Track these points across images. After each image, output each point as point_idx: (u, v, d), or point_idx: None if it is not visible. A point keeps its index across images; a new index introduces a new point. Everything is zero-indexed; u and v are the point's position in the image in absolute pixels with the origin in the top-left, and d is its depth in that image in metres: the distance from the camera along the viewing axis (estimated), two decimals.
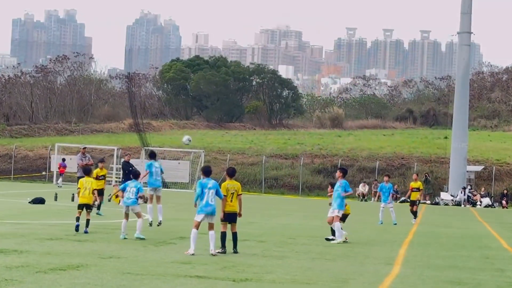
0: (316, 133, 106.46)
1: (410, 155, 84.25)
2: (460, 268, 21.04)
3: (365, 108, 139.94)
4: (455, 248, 26.89)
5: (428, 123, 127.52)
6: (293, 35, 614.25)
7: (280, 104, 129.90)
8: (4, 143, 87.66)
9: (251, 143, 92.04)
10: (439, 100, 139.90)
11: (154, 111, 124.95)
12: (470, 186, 73.91)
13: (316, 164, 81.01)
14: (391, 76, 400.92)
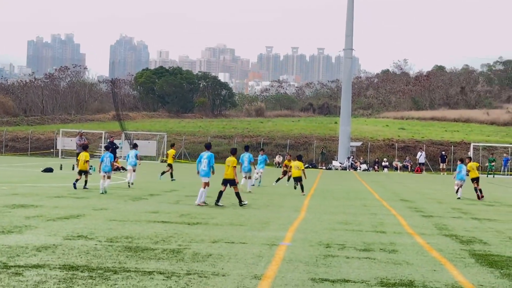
0: (245, 120, 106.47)
1: (311, 135, 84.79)
2: (346, 213, 21.21)
3: (279, 103, 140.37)
4: (342, 199, 27.12)
5: (324, 113, 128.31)
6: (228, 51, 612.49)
7: (220, 100, 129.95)
8: (23, 129, 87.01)
9: (199, 128, 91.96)
10: (331, 96, 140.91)
11: (130, 106, 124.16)
12: (353, 156, 74.60)
13: (246, 142, 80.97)
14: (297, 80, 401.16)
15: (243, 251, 12.63)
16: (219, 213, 19.75)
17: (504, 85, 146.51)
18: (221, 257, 11.85)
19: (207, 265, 11.04)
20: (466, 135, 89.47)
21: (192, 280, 9.80)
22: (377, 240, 14.87)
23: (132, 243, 13.18)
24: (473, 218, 21.26)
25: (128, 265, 10.76)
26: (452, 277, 10.71)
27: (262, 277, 10.20)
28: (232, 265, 11.11)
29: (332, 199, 27.38)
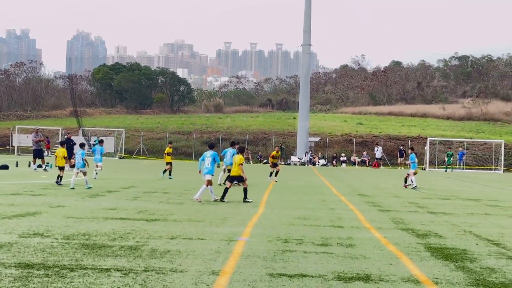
0: (204, 116, 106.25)
1: (269, 131, 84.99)
2: (305, 208, 21.32)
3: (238, 98, 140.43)
4: (301, 194, 27.24)
5: (282, 108, 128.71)
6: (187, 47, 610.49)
7: (178, 96, 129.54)
8: None
9: (158, 124, 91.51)
10: (289, 92, 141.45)
11: (88, 102, 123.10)
12: (311, 151, 74.98)
13: (204, 138, 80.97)
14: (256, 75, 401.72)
15: (201, 247, 12.63)
16: (178, 209, 19.70)
17: (460, 80, 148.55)
18: (179, 253, 11.84)
19: (165, 261, 11.01)
20: (423, 129, 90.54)
21: (150, 277, 9.77)
22: (334, 235, 14.98)
23: (89, 240, 13.09)
24: (429, 212, 21.53)
25: (85, 263, 10.68)
26: (408, 270, 10.85)
27: (220, 272, 10.22)
28: (190, 261, 11.11)
29: (290, 194, 27.48)
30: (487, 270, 11.04)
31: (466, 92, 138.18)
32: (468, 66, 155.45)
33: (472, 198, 28.31)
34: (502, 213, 21.87)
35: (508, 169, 72.43)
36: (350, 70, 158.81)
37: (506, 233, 16.31)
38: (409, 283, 9.81)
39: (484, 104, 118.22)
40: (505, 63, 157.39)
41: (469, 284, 9.88)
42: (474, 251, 13.22)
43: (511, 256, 12.70)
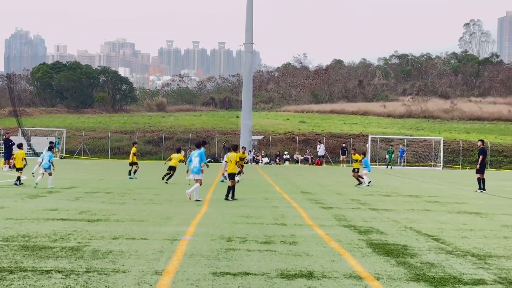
0: (146, 115, 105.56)
1: (213, 129, 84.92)
2: (249, 207, 21.35)
3: (181, 97, 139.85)
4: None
5: (225, 107, 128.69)
6: (128, 46, 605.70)
7: (120, 95, 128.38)
8: None
9: (100, 123, 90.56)
10: (232, 90, 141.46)
11: (27, 101, 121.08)
12: (254, 150, 75.17)
13: (147, 137, 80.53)
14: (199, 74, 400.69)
15: (144, 247, 12.54)
16: (120, 209, 19.52)
17: (400, 78, 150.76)
18: (121, 253, 11.73)
19: (107, 262, 10.90)
20: (364, 127, 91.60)
21: (92, 278, 9.66)
22: (278, 233, 15.04)
23: (29, 242, 12.86)
24: (371, 208, 21.80)
25: (25, 265, 10.49)
26: (350, 266, 10.95)
27: (163, 272, 10.16)
28: (133, 261, 11.01)
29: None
30: (427, 265, 11.22)
31: (406, 90, 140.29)
32: (408, 65, 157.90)
33: (413, 195, 28.76)
34: (441, 209, 22.28)
35: (447, 166, 73.82)
36: (292, 69, 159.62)
37: (445, 229, 16.62)
38: (351, 279, 9.91)
39: (423, 101, 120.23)
40: (443, 62, 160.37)
41: (410, 279, 10.03)
42: (414, 246, 13.43)
43: (450, 251, 12.94)
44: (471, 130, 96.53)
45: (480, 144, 34.12)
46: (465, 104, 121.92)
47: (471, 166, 74.58)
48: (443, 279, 10.03)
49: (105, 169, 48.73)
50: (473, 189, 33.92)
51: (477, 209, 22.66)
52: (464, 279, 10.08)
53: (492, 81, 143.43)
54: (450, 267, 11.07)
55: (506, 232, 16.17)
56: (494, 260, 11.92)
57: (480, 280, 10.03)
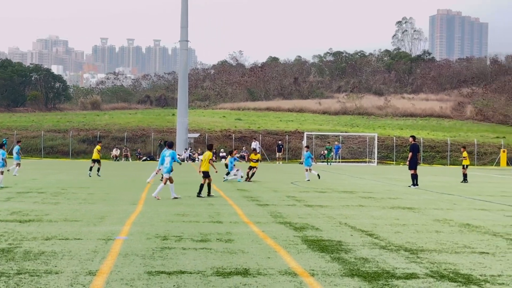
0: (81, 114, 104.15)
1: (149, 128, 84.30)
2: (184, 205, 21.26)
3: (116, 95, 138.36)
4: (180, 191, 27.12)
5: (161, 105, 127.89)
6: (62, 43, 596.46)
7: (53, 93, 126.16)
8: None
9: (32, 122, 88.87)
10: (168, 88, 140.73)
11: None
12: (191, 148, 74.94)
13: (81, 136, 79.45)
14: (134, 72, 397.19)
15: (78, 247, 12.36)
16: (54, 209, 19.20)
17: (335, 75, 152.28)
18: (54, 254, 11.53)
19: (39, 263, 10.70)
20: (300, 124, 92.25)
21: (23, 280, 9.47)
22: (213, 230, 15.02)
23: None
24: (306, 205, 21.96)
25: None
26: (285, 263, 11.01)
27: (97, 272, 10.03)
28: (66, 262, 10.84)
29: (169, 191, 27.32)
30: (361, 260, 11.36)
31: (341, 87, 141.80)
32: (342, 62, 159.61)
33: (347, 191, 29.08)
34: (375, 205, 22.59)
35: (381, 162, 74.94)
36: (228, 66, 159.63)
37: (379, 224, 16.85)
38: (286, 276, 9.96)
39: (358, 98, 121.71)
40: (377, 59, 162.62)
41: (344, 274, 10.14)
42: (349, 242, 13.58)
43: (383, 246, 13.13)
44: (404, 126, 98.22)
45: (412, 140, 34.73)
46: (399, 100, 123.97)
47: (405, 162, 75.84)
48: (377, 274, 10.16)
49: (39, 168, 47.83)
50: (406, 184, 34.52)
51: (410, 204, 23.06)
52: (397, 274, 10.24)
53: (424, 78, 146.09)
54: (384, 262, 11.23)
55: (438, 227, 16.50)
56: (426, 254, 12.14)
57: (412, 274, 10.20)
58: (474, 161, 76.17)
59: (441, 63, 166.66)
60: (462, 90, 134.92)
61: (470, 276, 10.13)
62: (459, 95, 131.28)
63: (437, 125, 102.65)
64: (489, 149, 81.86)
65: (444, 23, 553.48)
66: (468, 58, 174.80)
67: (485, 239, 14.41)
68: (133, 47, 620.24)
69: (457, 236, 14.74)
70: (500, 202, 24.81)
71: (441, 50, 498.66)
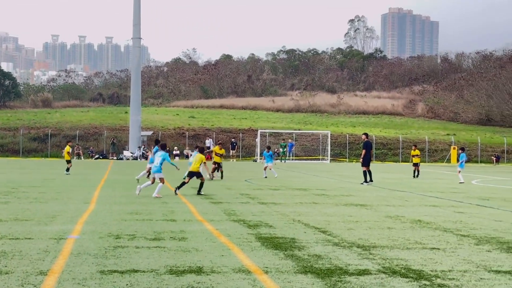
0: (31, 112, 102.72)
1: (101, 125, 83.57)
2: (138, 203, 21.11)
3: (67, 93, 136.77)
4: (133, 190, 26.89)
5: (114, 103, 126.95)
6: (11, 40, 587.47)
7: (3, 91, 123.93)
8: None
9: None
10: (121, 86, 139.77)
11: None
12: (144, 146, 74.49)
13: (32, 134, 78.39)
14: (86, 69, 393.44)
15: (29, 247, 12.18)
16: (3, 208, 18.89)
17: (288, 73, 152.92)
18: (4, 254, 11.34)
19: None
20: (254, 122, 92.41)
21: None
22: (167, 229, 14.95)
23: None
24: (260, 202, 22.00)
25: None
26: (239, 261, 11.01)
27: (48, 272, 9.90)
28: (16, 262, 10.67)
29: (123, 189, 27.15)
30: (314, 257, 11.42)
31: (294, 85, 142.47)
32: (296, 60, 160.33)
33: (301, 188, 29.23)
34: (328, 202, 22.75)
35: (335, 159, 75.51)
36: (181, 64, 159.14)
37: (332, 221, 16.97)
38: (240, 274, 9.96)
39: (311, 96, 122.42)
40: (330, 57, 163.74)
41: (297, 271, 10.18)
42: (302, 239, 13.64)
43: (336, 242, 13.22)
44: (357, 123, 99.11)
45: (364, 138, 35.08)
46: (351, 98, 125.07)
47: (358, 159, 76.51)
48: (330, 271, 10.23)
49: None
50: (359, 181, 34.83)
51: (362, 201, 23.28)
52: (349, 270, 10.32)
53: (376, 76, 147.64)
54: (337, 259, 11.31)
55: (390, 223, 16.68)
56: (378, 250, 12.26)
57: (365, 270, 10.30)
58: (426, 158, 77.21)
59: (392, 61, 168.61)
60: (413, 88, 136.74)
61: (421, 271, 10.27)
62: (410, 92, 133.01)
63: (389, 122, 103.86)
64: (439, 146, 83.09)
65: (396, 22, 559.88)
66: (419, 56, 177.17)
67: (436, 235, 14.61)
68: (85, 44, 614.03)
69: (408, 232, 14.92)
70: (450, 198, 25.21)
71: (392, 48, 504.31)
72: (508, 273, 10.16)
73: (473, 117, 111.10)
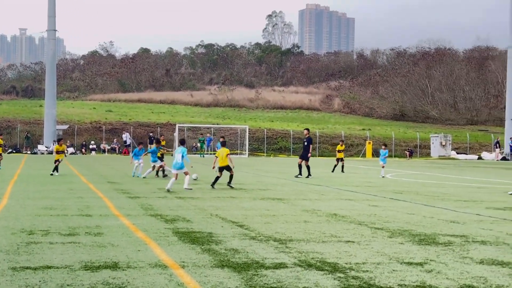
0: None
1: (15, 119, 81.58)
2: (52, 198, 20.72)
3: None
4: (48, 184, 26.45)
5: (28, 96, 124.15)
6: None
7: None
8: None
9: None
10: (35, 79, 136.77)
11: None
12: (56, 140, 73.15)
13: None
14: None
15: None
16: None
17: (206, 68, 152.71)
18: None
19: None
20: (172, 116, 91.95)
21: None
22: (82, 224, 14.71)
23: None
24: (177, 197, 21.90)
25: None
26: (156, 256, 10.92)
27: None
28: None
29: (37, 184, 26.58)
30: (231, 251, 11.44)
31: (213, 79, 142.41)
32: (214, 54, 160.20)
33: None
34: (246, 196, 22.83)
35: (253, 153, 75.89)
36: (98, 57, 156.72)
37: (249, 215, 17.04)
38: (157, 268, 9.89)
39: (229, 91, 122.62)
40: (248, 52, 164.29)
41: (214, 266, 10.18)
42: (219, 233, 13.64)
43: (253, 236, 13.28)
44: (274, 118, 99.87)
45: (307, 133, 35.72)
46: (269, 93, 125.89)
47: (275, 154, 77.21)
48: (246, 264, 10.26)
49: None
50: (276, 176, 35.07)
51: (280, 195, 23.46)
52: (266, 264, 10.37)
53: (294, 71, 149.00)
54: (253, 252, 11.36)
55: (306, 217, 16.86)
56: (295, 244, 12.38)
57: (281, 264, 10.37)
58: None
59: (310, 56, 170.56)
60: (330, 83, 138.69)
61: (336, 264, 10.41)
62: (327, 88, 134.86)
63: (306, 117, 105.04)
64: (355, 140, 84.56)
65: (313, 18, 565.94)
66: (335, 52, 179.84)
67: (351, 228, 14.85)
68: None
69: (324, 226, 15.12)
70: (365, 192, 25.68)
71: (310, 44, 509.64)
72: (419, 265, 10.42)
73: (387, 112, 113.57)
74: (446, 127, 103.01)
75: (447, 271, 9.99)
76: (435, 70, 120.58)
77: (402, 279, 9.33)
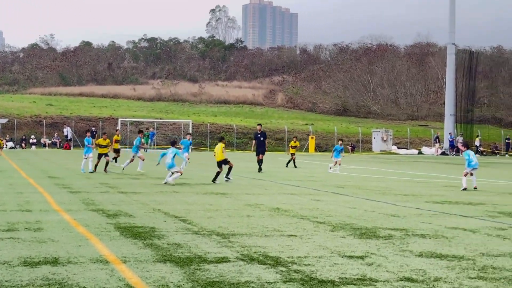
0: None
1: None
2: None
3: None
4: None
5: None
6: None
7: None
8: None
9: None
10: None
11: None
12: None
13: None
14: None
15: None
16: None
17: (149, 62, 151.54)
18: None
19: None
20: (114, 110, 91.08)
21: None
22: (22, 219, 14.47)
23: None
24: (119, 192, 21.74)
25: None
26: (97, 251, 10.82)
27: None
28: None
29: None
30: (174, 246, 11.40)
31: (156, 74, 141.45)
32: (157, 48, 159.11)
33: (161, 177, 29.08)
34: (189, 190, 22.79)
35: (196, 148, 75.68)
36: (39, 50, 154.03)
37: (192, 209, 17.01)
38: (98, 264, 9.80)
39: (172, 85, 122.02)
40: (191, 46, 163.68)
41: (156, 260, 10.13)
42: (162, 228, 13.59)
43: (196, 231, 13.26)
44: (218, 113, 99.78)
45: (260, 128, 36.44)
46: (213, 88, 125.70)
47: None
48: (189, 259, 10.25)
49: None
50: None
51: (222, 189, 23.48)
52: (208, 258, 10.37)
53: (237, 66, 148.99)
54: (196, 247, 11.35)
55: (249, 211, 16.91)
56: (237, 238, 12.41)
57: (223, 258, 10.38)
58: (285, 148, 78.83)
59: (253, 51, 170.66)
60: (273, 78, 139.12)
61: (279, 258, 10.48)
62: (270, 83, 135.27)
63: (249, 112, 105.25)
64: (298, 135, 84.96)
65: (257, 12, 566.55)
66: (279, 47, 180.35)
67: (293, 222, 14.95)
68: None
69: (267, 220, 15.18)
70: (307, 186, 25.88)
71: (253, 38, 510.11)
72: (360, 258, 10.55)
73: (330, 107, 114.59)
74: (387, 122, 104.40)
75: (387, 264, 10.15)
76: (377, 66, 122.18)
77: (343, 272, 9.44)
